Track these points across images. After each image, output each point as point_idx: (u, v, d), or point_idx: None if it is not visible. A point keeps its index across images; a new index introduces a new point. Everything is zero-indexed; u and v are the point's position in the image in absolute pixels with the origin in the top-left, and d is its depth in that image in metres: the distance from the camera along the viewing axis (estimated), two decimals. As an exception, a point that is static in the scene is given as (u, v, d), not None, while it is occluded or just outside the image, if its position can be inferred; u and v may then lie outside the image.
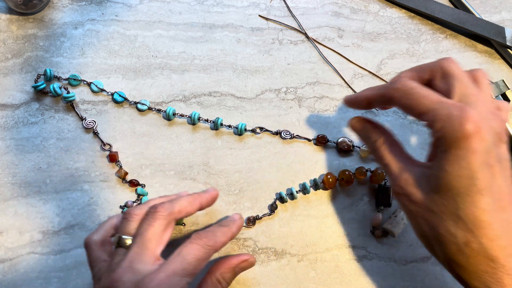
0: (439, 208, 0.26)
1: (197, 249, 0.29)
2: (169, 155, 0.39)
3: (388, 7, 0.46)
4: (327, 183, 0.38)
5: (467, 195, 0.25)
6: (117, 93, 0.40)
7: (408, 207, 0.29)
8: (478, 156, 0.25)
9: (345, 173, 0.39)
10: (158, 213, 0.30)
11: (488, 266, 0.26)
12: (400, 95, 0.29)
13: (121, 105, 0.40)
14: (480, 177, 0.25)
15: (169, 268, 0.28)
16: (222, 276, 0.32)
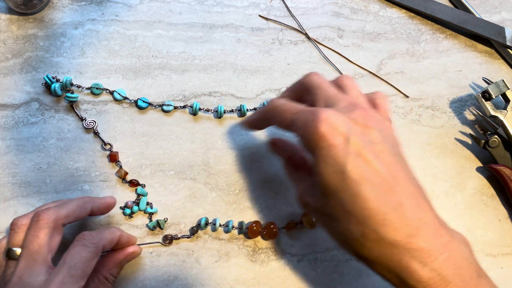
0: (331, 210, 0.27)
1: (81, 250, 0.29)
2: (169, 155, 0.39)
3: (388, 7, 0.46)
4: (251, 231, 0.37)
5: (346, 189, 0.25)
6: (140, 99, 0.40)
7: (313, 215, 0.30)
8: (340, 150, 0.26)
9: (270, 226, 0.37)
10: (42, 222, 0.30)
11: (392, 254, 0.25)
12: (270, 115, 0.31)
13: (121, 105, 0.40)
14: (350, 168, 0.25)
15: (57, 279, 0.27)
16: (110, 273, 0.32)
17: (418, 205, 0.26)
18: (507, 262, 0.39)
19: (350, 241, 0.27)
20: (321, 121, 0.26)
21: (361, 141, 0.26)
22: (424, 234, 0.25)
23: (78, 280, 0.28)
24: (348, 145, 0.26)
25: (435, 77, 0.44)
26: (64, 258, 0.29)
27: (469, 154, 0.42)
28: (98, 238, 0.31)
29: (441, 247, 0.25)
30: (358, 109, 0.28)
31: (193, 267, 0.36)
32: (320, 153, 0.26)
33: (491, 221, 0.40)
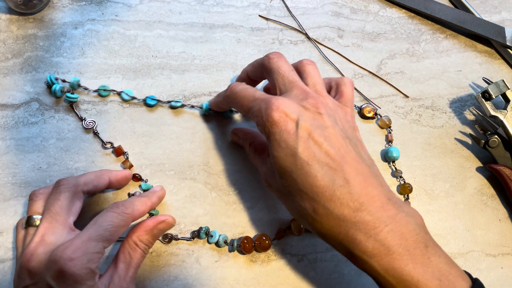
0: (287, 189, 0.29)
1: (114, 216, 0.30)
2: (169, 155, 0.39)
3: (388, 7, 0.46)
4: (243, 247, 0.36)
5: (298, 169, 0.28)
6: (149, 97, 0.40)
7: (275, 195, 0.32)
8: (291, 135, 0.28)
9: (262, 238, 0.36)
10: (61, 187, 0.31)
11: (340, 227, 0.27)
12: (230, 100, 0.34)
13: (121, 105, 0.40)
14: (301, 150, 0.28)
15: (84, 235, 0.28)
16: (139, 238, 0.33)
17: (366, 182, 0.28)
18: (507, 262, 0.39)
19: (304, 216, 0.29)
20: (274, 109, 0.29)
21: (311, 125, 0.28)
22: (369, 208, 0.27)
23: (103, 240, 0.29)
24: (298, 130, 0.28)
25: (435, 77, 0.44)
26: (95, 220, 0.30)
27: (469, 154, 0.42)
28: (131, 209, 0.31)
29: (387, 219, 0.27)
30: (310, 97, 0.30)
31: (193, 267, 0.36)
32: (273, 138, 0.29)
33: (491, 221, 0.40)
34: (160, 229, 0.34)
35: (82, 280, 0.27)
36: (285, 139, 0.28)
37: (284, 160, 0.28)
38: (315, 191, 0.27)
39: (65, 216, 0.30)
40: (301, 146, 0.28)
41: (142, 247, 0.33)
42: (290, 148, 0.28)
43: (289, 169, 0.28)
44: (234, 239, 0.37)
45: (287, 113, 0.29)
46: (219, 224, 0.38)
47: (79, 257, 0.27)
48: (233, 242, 0.36)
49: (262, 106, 0.30)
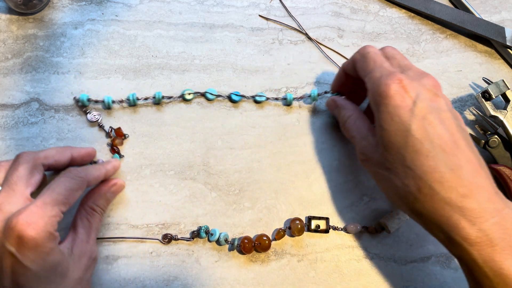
0: (391, 164, 0.29)
1: (67, 180, 0.31)
2: (169, 155, 0.39)
3: (388, 7, 0.46)
4: (243, 247, 0.36)
5: (408, 146, 0.28)
6: (232, 93, 0.40)
7: (370, 170, 0.32)
8: (407, 111, 0.28)
9: (262, 238, 0.36)
10: (20, 159, 0.31)
11: (443, 210, 0.27)
12: (359, 57, 0.34)
13: (121, 105, 0.40)
14: (414, 128, 0.28)
15: (39, 200, 0.29)
16: (96, 203, 0.34)
17: (476, 171, 0.28)
18: (507, 262, 0.39)
19: (405, 194, 0.29)
20: (395, 81, 0.29)
21: (429, 106, 0.28)
22: (477, 197, 0.27)
23: (59, 204, 0.29)
24: (415, 108, 0.28)
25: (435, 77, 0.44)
26: (49, 185, 0.30)
27: (469, 154, 0.42)
28: (84, 173, 0.32)
29: (493, 211, 0.27)
30: (429, 78, 0.30)
31: (193, 267, 0.36)
32: (386, 110, 0.29)
33: (491, 221, 0.40)
34: (112, 192, 0.36)
35: (42, 243, 0.28)
36: (399, 114, 0.28)
37: (394, 135, 0.28)
38: (424, 170, 0.27)
39: (23, 187, 0.30)
40: (415, 124, 0.28)
41: (99, 211, 0.34)
42: (403, 124, 0.28)
43: (399, 144, 0.28)
44: (234, 238, 0.37)
45: (407, 89, 0.29)
46: (219, 224, 0.38)
47: (36, 221, 0.28)
48: (234, 241, 0.36)
49: (383, 74, 0.30)
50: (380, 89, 0.29)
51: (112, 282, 0.36)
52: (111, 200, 0.36)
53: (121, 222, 0.37)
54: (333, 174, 0.40)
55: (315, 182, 0.40)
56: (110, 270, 0.36)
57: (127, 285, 0.36)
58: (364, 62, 0.33)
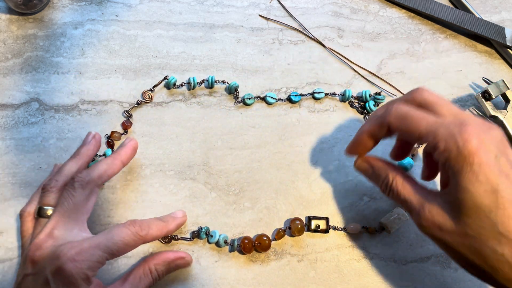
0: (477, 230, 0.25)
1: (127, 234, 0.30)
2: (169, 155, 0.39)
3: (388, 7, 0.46)
4: (243, 247, 0.36)
5: (500, 209, 0.24)
6: (292, 94, 0.40)
7: (443, 239, 0.27)
8: (492, 168, 0.25)
9: (262, 238, 0.36)
10: (77, 183, 0.31)
11: None
12: (397, 120, 0.29)
13: (121, 105, 0.40)
14: (502, 188, 0.24)
15: (94, 241, 0.28)
16: (155, 267, 0.33)
17: None
18: (507, 262, 0.39)
19: (499, 264, 0.25)
20: (471, 136, 0.25)
21: (508, 162, 0.25)
22: None
23: (108, 253, 0.29)
24: (499, 164, 0.25)
25: (435, 77, 0.44)
26: (110, 230, 0.30)
27: (469, 154, 0.42)
28: (146, 232, 0.31)
29: None
30: (494, 127, 0.27)
31: (193, 267, 0.36)
32: (471, 169, 0.25)
33: (491, 221, 0.40)
34: (177, 264, 0.34)
35: (77, 283, 0.27)
36: (485, 173, 0.25)
37: (480, 197, 0.25)
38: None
39: (78, 214, 0.30)
40: (502, 183, 0.24)
41: (154, 276, 0.33)
42: (490, 184, 0.24)
43: (487, 208, 0.25)
44: (234, 239, 0.37)
45: (486, 143, 0.25)
46: (219, 224, 0.38)
47: (81, 261, 0.27)
48: (233, 242, 0.36)
49: (454, 130, 0.26)
50: (460, 147, 0.25)
51: (112, 282, 0.36)
52: (172, 271, 0.35)
53: (121, 222, 0.37)
54: (333, 174, 0.40)
55: (315, 182, 0.40)
56: (110, 270, 0.36)
57: (127, 285, 0.36)
58: (409, 125, 0.28)
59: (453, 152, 0.26)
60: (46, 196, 0.32)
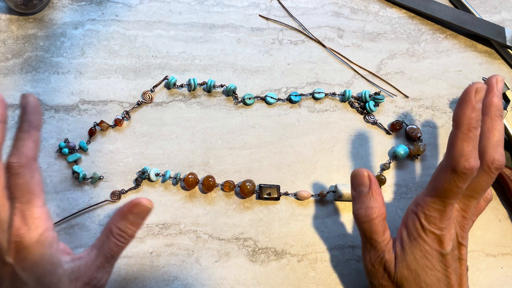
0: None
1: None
2: (169, 155, 0.39)
3: (388, 7, 0.46)
4: (187, 182, 0.37)
5: None
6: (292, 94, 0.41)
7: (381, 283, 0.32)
8: None
9: (208, 178, 0.38)
10: (17, 169, 0.28)
11: None
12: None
13: (121, 105, 0.40)
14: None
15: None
16: (115, 225, 0.30)
17: None
18: (507, 262, 0.39)
19: None
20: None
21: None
22: None
23: (31, 204, 0.29)
24: None
25: (435, 77, 0.44)
26: (8, 192, 0.29)
27: (469, 154, 0.42)
28: (24, 158, 0.29)
29: None
30: (447, 261, 0.31)
31: (193, 267, 0.36)
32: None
33: (491, 221, 0.40)
34: (136, 213, 0.30)
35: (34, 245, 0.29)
36: None
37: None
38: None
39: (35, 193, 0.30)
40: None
41: (116, 234, 0.30)
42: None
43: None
44: (178, 173, 0.38)
45: (445, 240, 0.30)
46: (219, 224, 0.38)
47: (23, 228, 0.28)
48: (177, 176, 0.38)
49: (437, 215, 0.30)
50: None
51: (112, 282, 0.36)
52: (137, 222, 0.31)
53: (121, 222, 0.37)
54: (333, 174, 0.40)
55: (315, 182, 0.40)
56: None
57: (127, 285, 0.36)
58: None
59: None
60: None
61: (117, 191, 0.37)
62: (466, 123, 0.27)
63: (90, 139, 0.39)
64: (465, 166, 0.27)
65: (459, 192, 0.28)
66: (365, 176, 0.32)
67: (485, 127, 0.30)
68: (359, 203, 0.32)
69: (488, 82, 0.30)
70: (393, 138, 0.42)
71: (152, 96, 0.41)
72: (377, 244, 0.31)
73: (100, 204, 0.37)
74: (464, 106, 0.28)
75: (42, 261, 0.28)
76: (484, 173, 0.29)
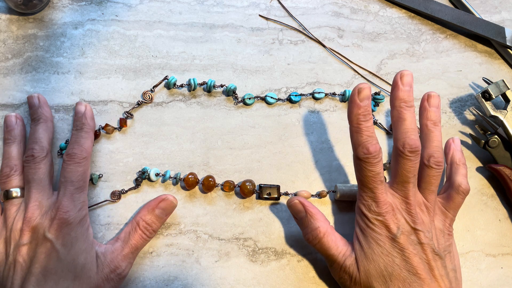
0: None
1: (76, 166, 0.34)
2: (169, 155, 0.39)
3: (388, 7, 0.46)
4: (187, 182, 0.37)
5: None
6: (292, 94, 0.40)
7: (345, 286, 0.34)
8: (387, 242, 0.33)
9: (208, 178, 0.38)
10: (37, 158, 0.34)
11: None
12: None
13: (121, 105, 0.40)
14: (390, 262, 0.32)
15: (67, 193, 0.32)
16: (142, 218, 0.35)
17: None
18: (507, 262, 0.39)
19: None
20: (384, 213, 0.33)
21: (406, 241, 0.32)
22: None
23: (82, 190, 0.33)
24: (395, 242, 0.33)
25: (435, 77, 0.44)
26: (63, 176, 0.33)
27: (469, 154, 0.42)
28: (86, 152, 0.34)
29: None
30: (411, 214, 0.33)
31: (193, 267, 0.36)
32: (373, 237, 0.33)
33: (491, 221, 0.40)
34: (162, 208, 0.35)
35: (77, 225, 0.32)
36: (382, 244, 0.32)
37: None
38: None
39: (48, 181, 0.34)
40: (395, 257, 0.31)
41: (142, 227, 0.34)
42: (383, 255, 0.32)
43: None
44: (178, 173, 0.38)
45: (390, 224, 0.32)
46: (219, 224, 0.38)
47: (72, 208, 0.32)
48: (177, 176, 0.38)
49: (372, 202, 0.32)
50: (372, 217, 0.33)
51: (112, 282, 0.36)
52: (162, 218, 0.35)
53: (121, 222, 0.37)
54: (333, 174, 0.40)
55: (315, 182, 0.40)
56: (110, 270, 0.36)
57: (127, 285, 0.36)
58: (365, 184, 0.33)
59: (367, 218, 0.33)
60: (9, 181, 0.34)
61: (117, 191, 0.37)
62: (354, 119, 0.32)
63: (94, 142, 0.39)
64: (364, 152, 0.31)
65: (375, 175, 0.31)
66: (298, 203, 0.35)
67: (393, 119, 0.33)
68: (304, 228, 0.35)
69: (393, 79, 0.33)
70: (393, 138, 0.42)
71: (152, 96, 0.41)
72: (334, 257, 0.33)
73: (100, 204, 0.37)
74: (351, 106, 0.32)
75: (81, 239, 0.32)
76: (401, 158, 0.32)
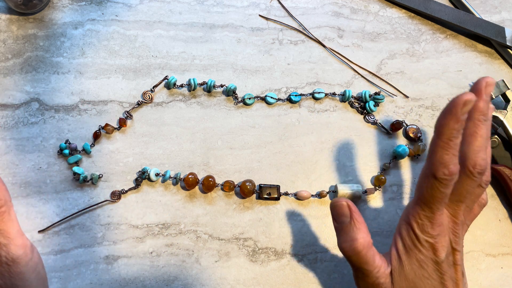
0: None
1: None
2: (169, 155, 0.39)
3: (388, 7, 0.46)
4: (187, 182, 0.37)
5: None
6: (292, 94, 0.40)
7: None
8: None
9: (208, 178, 0.38)
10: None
11: None
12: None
13: (121, 105, 0.40)
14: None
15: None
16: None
17: None
18: (507, 262, 0.39)
19: None
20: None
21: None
22: None
23: None
24: None
25: (435, 77, 0.44)
26: None
27: (469, 154, 0.42)
28: None
29: None
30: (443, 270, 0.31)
31: (193, 267, 0.36)
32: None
33: (491, 221, 0.40)
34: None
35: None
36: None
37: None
38: None
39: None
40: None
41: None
42: None
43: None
44: (178, 173, 0.38)
45: (439, 248, 0.30)
46: (219, 224, 0.38)
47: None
48: (177, 176, 0.38)
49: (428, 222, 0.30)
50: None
51: (112, 282, 0.36)
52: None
53: (121, 222, 0.37)
54: (333, 174, 0.40)
55: (315, 182, 0.40)
56: (110, 270, 0.36)
57: (127, 285, 0.36)
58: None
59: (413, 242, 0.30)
60: None
61: (117, 191, 0.37)
62: (447, 133, 0.27)
63: (94, 142, 0.39)
64: (444, 173, 0.27)
65: (443, 197, 0.28)
66: (345, 206, 0.31)
67: (468, 132, 0.29)
68: (343, 235, 0.31)
69: (476, 86, 0.29)
70: (393, 138, 0.42)
71: (152, 96, 0.41)
72: (369, 273, 0.31)
73: (100, 204, 0.37)
74: (448, 117, 0.27)
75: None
76: (466, 178, 0.29)
